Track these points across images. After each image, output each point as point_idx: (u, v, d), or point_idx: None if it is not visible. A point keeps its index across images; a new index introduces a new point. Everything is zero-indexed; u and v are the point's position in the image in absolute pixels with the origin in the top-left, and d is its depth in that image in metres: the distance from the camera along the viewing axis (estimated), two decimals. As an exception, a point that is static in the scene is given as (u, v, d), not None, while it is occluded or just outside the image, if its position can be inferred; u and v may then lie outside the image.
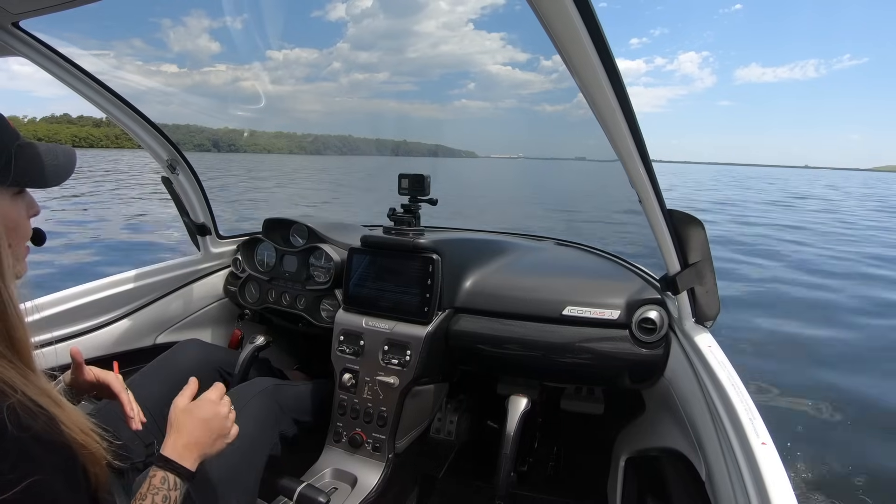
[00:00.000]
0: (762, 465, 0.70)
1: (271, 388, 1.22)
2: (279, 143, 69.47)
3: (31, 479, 0.48)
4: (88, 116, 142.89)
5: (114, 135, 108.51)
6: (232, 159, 36.75)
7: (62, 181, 0.65)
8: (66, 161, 0.66)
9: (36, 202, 0.66)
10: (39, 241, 0.67)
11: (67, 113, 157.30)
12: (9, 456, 0.48)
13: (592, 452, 1.63)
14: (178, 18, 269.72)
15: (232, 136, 16.26)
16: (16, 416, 0.49)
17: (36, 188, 0.64)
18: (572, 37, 0.64)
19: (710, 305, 1.08)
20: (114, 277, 1.52)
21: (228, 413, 0.83)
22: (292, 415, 1.25)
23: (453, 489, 1.60)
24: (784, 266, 7.48)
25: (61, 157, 0.65)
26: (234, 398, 1.15)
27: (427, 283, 1.31)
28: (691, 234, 1.01)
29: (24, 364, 0.56)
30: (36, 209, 0.66)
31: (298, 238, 1.70)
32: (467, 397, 1.71)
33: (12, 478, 0.47)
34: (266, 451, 1.12)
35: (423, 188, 1.38)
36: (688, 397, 1.07)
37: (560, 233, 1.99)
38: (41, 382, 0.57)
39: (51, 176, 0.63)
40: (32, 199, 0.66)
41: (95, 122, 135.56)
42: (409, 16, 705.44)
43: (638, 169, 0.88)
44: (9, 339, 0.55)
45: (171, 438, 0.76)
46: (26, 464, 0.49)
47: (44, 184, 0.63)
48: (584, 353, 1.25)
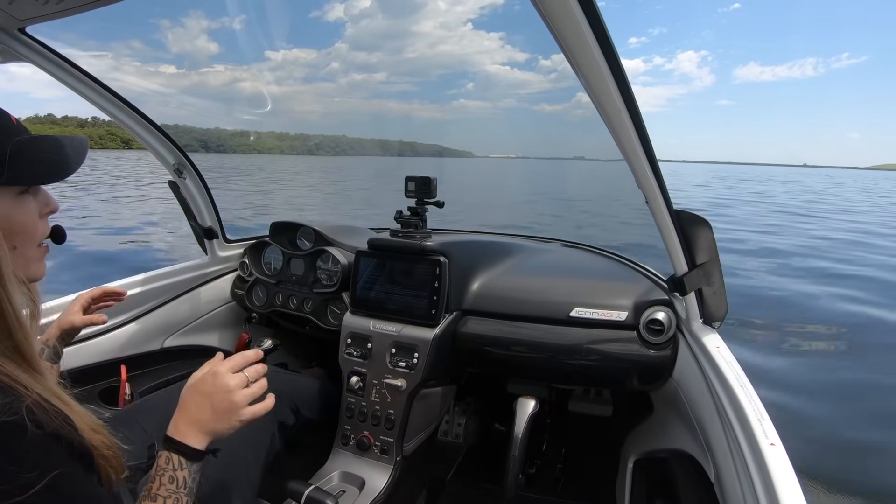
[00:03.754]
0: (771, 467, 0.70)
1: (270, 373, 1.23)
2: (280, 144, 69.44)
3: (52, 474, 0.48)
4: (73, 117, 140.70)
5: (98, 136, 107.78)
6: (232, 159, 36.68)
7: (72, 173, 0.63)
8: (75, 152, 0.64)
9: (52, 199, 0.64)
10: (59, 238, 0.65)
11: (52, 113, 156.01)
12: (30, 454, 0.48)
13: (601, 454, 1.63)
14: (179, 20, 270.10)
15: (221, 137, 16.13)
16: (33, 414, 0.49)
17: (39, 185, 0.61)
18: (577, 36, 0.64)
19: (718, 306, 1.08)
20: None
21: (242, 388, 0.77)
22: (289, 403, 1.24)
23: (461, 492, 1.60)
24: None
25: (69, 149, 0.63)
26: None
27: (434, 285, 1.31)
28: (699, 234, 1.01)
29: (31, 367, 0.55)
30: (52, 207, 0.64)
31: (305, 241, 1.71)
32: (475, 400, 1.71)
33: (34, 476, 0.47)
34: (266, 437, 1.11)
35: (430, 191, 1.38)
36: (696, 398, 1.07)
37: (561, 233, 1.98)
38: (49, 384, 0.56)
39: (56, 171, 0.61)
40: (47, 196, 0.63)
41: (80, 122, 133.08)
42: (408, 16, 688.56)
43: (644, 169, 0.88)
44: (15, 342, 0.54)
45: (175, 416, 0.73)
46: (47, 460, 0.49)
47: (49, 179, 0.61)
48: (591, 355, 1.25)
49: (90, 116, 22.20)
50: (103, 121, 15.06)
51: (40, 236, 0.63)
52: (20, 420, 0.48)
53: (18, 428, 0.48)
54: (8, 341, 0.54)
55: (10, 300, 0.53)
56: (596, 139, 0.88)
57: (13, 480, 0.46)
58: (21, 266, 0.59)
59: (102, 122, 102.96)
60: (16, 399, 0.49)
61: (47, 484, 0.47)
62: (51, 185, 0.64)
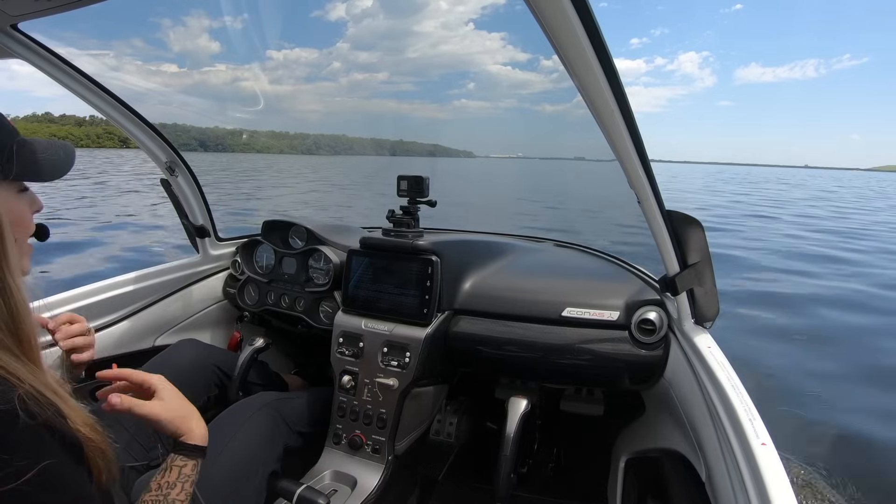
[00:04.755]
0: (762, 466, 0.70)
1: (274, 402, 1.21)
2: (279, 143, 69.25)
3: (43, 464, 0.49)
4: (71, 115, 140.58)
5: (95, 134, 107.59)
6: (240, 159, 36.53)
7: (61, 176, 0.67)
8: (66, 156, 0.68)
9: (38, 199, 0.68)
10: (43, 236, 0.69)
11: (49, 112, 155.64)
12: (22, 444, 0.49)
13: (592, 453, 1.64)
14: (177, 18, 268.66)
15: (220, 136, 16.10)
16: (25, 404, 0.50)
17: (37, 182, 0.65)
18: (570, 38, 0.64)
19: (710, 306, 1.09)
20: (113, 280, 1.52)
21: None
22: (297, 427, 1.24)
23: (453, 491, 1.60)
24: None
25: (60, 153, 0.67)
26: (236, 413, 1.14)
27: (426, 284, 1.31)
28: (690, 234, 1.01)
29: (29, 360, 0.56)
30: (38, 205, 0.68)
31: (297, 240, 1.70)
32: (467, 399, 1.71)
33: (24, 465, 0.47)
34: (270, 466, 1.10)
35: (423, 190, 1.38)
36: (687, 398, 1.07)
37: (558, 233, 1.99)
38: (46, 378, 0.57)
39: (50, 171, 0.65)
40: (35, 195, 0.67)
41: (78, 121, 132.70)
42: (409, 16, 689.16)
43: (637, 170, 0.88)
44: (15, 334, 0.55)
45: (190, 424, 0.77)
46: (38, 450, 0.50)
47: (44, 178, 0.65)
48: (583, 355, 1.25)
49: (88, 115, 22.40)
50: (101, 120, 15.46)
51: (31, 232, 0.67)
52: (12, 409, 0.49)
53: (10, 416, 0.48)
54: (9, 331, 0.55)
55: (18, 289, 0.56)
56: (595, 140, 0.88)
57: (4, 468, 0.46)
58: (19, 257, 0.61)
59: (100, 121, 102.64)
60: (8, 389, 0.50)
61: (37, 473, 0.48)
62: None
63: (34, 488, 0.47)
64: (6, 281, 0.55)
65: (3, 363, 0.52)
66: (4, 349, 0.54)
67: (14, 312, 0.55)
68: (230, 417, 1.13)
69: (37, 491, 0.48)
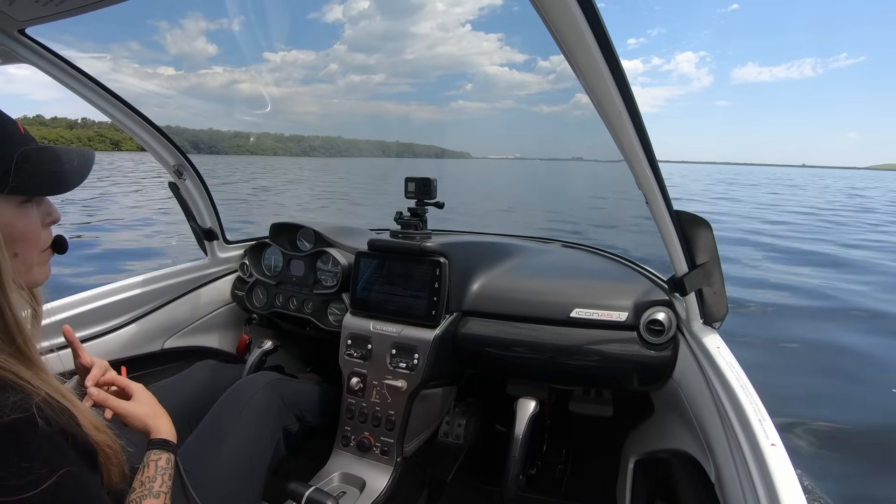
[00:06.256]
0: (772, 467, 0.70)
1: (275, 381, 1.24)
2: (276, 145, 69.13)
3: (62, 471, 0.49)
4: (62, 118, 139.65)
5: (86, 137, 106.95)
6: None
7: (75, 186, 0.63)
8: (80, 165, 0.64)
9: (55, 210, 0.65)
10: (61, 248, 0.66)
11: (41, 114, 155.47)
12: (41, 452, 0.49)
13: (601, 455, 1.63)
14: (176, 21, 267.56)
15: (214, 138, 16.00)
16: (42, 412, 0.50)
17: (41, 195, 0.62)
18: (577, 36, 0.64)
19: (718, 306, 1.08)
20: (122, 283, 1.53)
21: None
22: (294, 410, 1.25)
23: (462, 492, 1.60)
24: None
25: (76, 161, 0.63)
26: (239, 392, 1.17)
27: (434, 286, 1.31)
28: (699, 234, 1.01)
29: (33, 364, 0.56)
30: (54, 217, 0.64)
31: (305, 242, 1.71)
32: (475, 400, 1.71)
33: (44, 472, 0.48)
34: (272, 444, 1.13)
35: (430, 192, 1.38)
36: (696, 399, 1.07)
37: (559, 233, 1.98)
38: (56, 383, 0.57)
39: (59, 183, 0.61)
40: (50, 206, 0.64)
41: (69, 123, 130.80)
42: (406, 17, 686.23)
43: (645, 170, 0.88)
44: (13, 345, 0.55)
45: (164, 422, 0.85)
46: (56, 458, 0.50)
47: (52, 191, 0.62)
48: (592, 356, 1.25)
49: (80, 118, 22.17)
50: (93, 122, 14.60)
51: (42, 244, 0.63)
52: (31, 417, 0.49)
53: (30, 425, 0.49)
54: (10, 343, 0.55)
55: (9, 305, 0.54)
56: (595, 140, 0.88)
57: (24, 476, 0.47)
58: (23, 272, 0.60)
59: (92, 123, 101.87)
60: (25, 396, 0.50)
61: (56, 481, 0.48)
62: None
63: (52, 497, 0.48)
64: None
65: (13, 370, 0.53)
66: (11, 357, 0.54)
67: (10, 324, 0.55)
68: (233, 396, 1.17)
69: (55, 499, 0.48)
